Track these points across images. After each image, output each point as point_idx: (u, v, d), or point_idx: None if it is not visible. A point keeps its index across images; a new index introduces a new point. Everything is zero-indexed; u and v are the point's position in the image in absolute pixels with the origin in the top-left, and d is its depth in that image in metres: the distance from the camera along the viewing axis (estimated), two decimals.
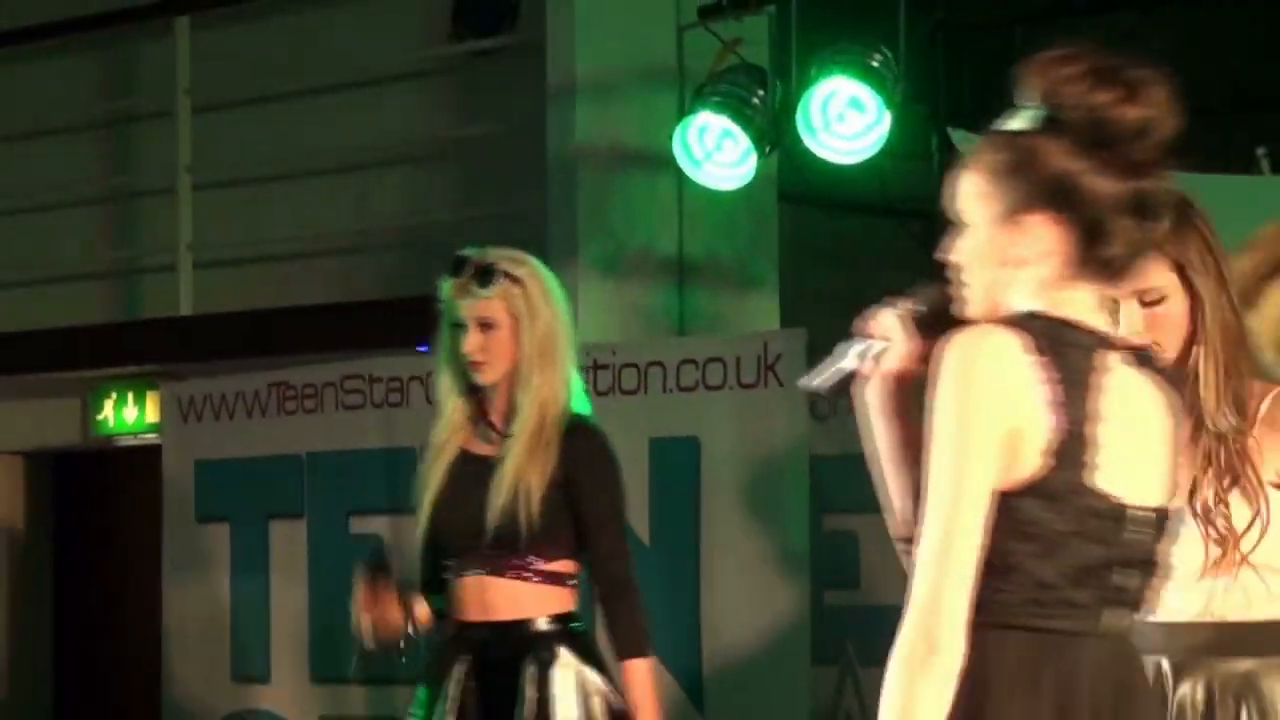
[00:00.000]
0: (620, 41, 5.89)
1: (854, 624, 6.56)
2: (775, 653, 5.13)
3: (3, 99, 7.51)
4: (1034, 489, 2.23)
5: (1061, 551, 2.24)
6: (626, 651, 3.92)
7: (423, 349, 5.90)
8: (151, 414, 6.95)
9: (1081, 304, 2.31)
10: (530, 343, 3.96)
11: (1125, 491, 2.29)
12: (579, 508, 3.95)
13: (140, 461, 6.85)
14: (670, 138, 5.41)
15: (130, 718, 7.21)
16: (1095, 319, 2.32)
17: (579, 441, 3.97)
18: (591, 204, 5.85)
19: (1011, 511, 2.23)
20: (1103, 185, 2.26)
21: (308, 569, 6.05)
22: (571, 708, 3.96)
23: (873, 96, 5.16)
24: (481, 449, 4.02)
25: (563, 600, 3.99)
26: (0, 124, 7.48)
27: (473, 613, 4.00)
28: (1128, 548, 2.29)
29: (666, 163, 5.55)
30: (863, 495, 7.55)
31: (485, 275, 3.98)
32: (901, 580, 2.25)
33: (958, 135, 4.99)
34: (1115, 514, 2.27)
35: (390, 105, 6.65)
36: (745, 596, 5.20)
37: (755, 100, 5.32)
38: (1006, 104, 2.24)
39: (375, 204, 6.65)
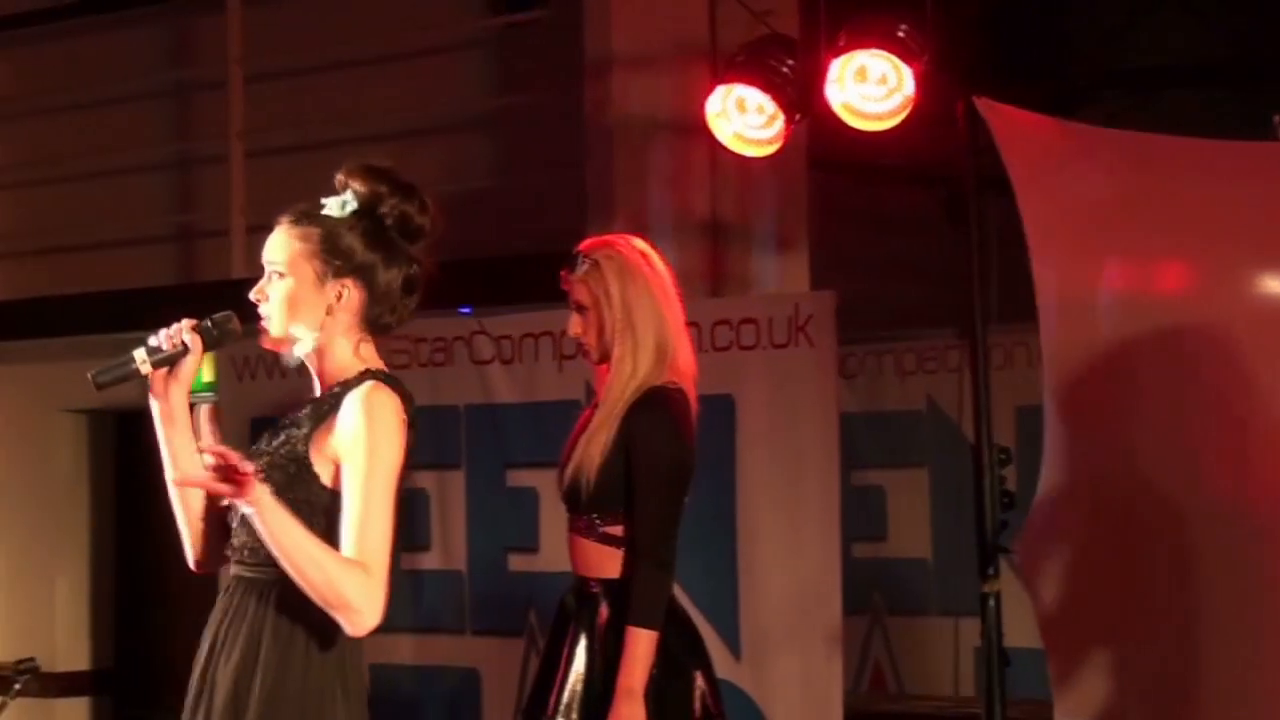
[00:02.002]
0: (655, 14, 5.96)
1: (881, 575, 6.74)
2: (810, 603, 5.21)
3: (64, 70, 7.70)
4: None
5: None
6: (629, 618, 4.07)
7: (464, 311, 6.09)
8: (208, 374, 7.09)
9: (374, 353, 3.26)
10: (610, 319, 4.18)
11: None
12: (628, 475, 4.13)
13: (197, 420, 7.03)
14: (703, 107, 5.44)
15: (189, 669, 7.40)
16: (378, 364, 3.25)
17: (639, 411, 4.14)
18: (627, 170, 5.91)
19: None
20: (392, 271, 3.26)
21: None
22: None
23: (899, 65, 5.22)
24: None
25: (618, 563, 4.15)
26: (62, 94, 7.68)
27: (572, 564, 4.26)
28: None
29: (699, 131, 5.59)
30: (889, 451, 7.74)
31: (570, 263, 4.25)
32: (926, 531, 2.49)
33: (981, 102, 5.08)
34: None
35: (433, 76, 6.78)
36: (780, 549, 5.26)
37: (785, 70, 5.32)
38: (1029, 72, 2.43)
39: (417, 171, 6.77)
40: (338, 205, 3.29)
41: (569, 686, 4.17)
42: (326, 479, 3.18)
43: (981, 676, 5.03)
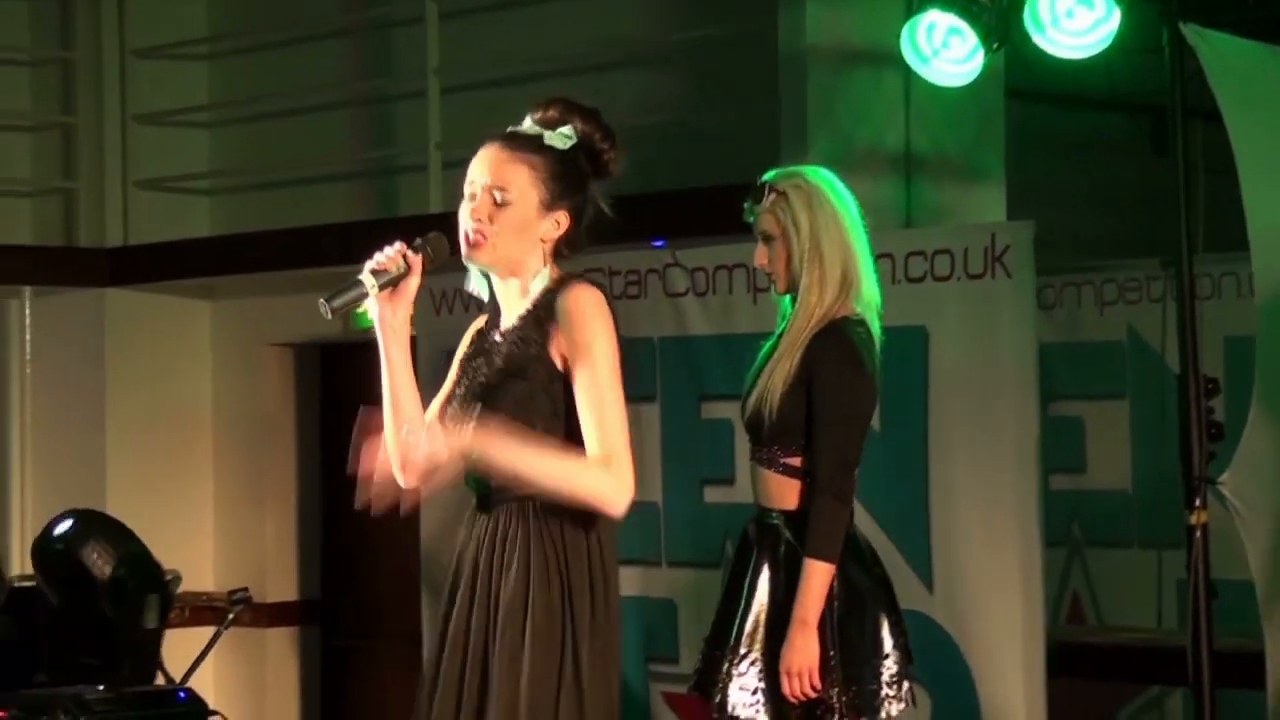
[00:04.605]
0: None
1: (1080, 507, 6.67)
2: (1008, 536, 5.15)
3: (263, 11, 7.83)
4: None
5: None
6: (805, 549, 4.11)
7: (658, 244, 6.11)
8: (373, 313, 7.20)
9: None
10: (798, 249, 4.18)
11: None
12: (809, 406, 4.15)
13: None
14: (897, 36, 5.40)
15: (393, 600, 7.44)
16: None
17: (821, 342, 4.15)
18: (820, 101, 5.85)
19: None
20: (588, 208, 3.48)
21: None
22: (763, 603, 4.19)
23: None
24: None
25: (797, 494, 4.17)
26: (262, 34, 7.81)
27: (754, 494, 4.28)
28: None
29: (893, 60, 5.55)
30: (1088, 382, 7.61)
31: (757, 193, 4.26)
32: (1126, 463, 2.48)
33: (1189, 29, 4.95)
34: None
35: (626, 8, 6.77)
36: (974, 481, 5.22)
37: None
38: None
39: (611, 105, 6.77)
40: (560, 138, 3.44)
41: (751, 616, 4.21)
42: (556, 368, 3.41)
43: (1186, 609, 4.96)
